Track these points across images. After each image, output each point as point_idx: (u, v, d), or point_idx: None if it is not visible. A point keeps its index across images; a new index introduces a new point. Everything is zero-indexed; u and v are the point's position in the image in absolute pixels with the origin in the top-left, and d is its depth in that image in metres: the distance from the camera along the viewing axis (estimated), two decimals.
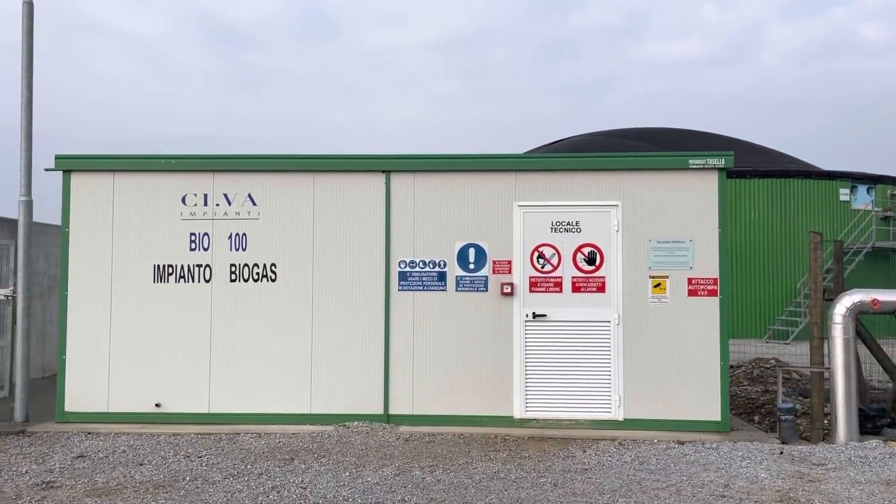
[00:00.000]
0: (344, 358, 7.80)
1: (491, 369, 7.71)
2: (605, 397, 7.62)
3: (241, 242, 7.91)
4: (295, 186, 7.93)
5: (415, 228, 7.85)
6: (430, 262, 7.82)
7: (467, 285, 7.78)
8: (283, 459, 6.42)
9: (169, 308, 7.89)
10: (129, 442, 7.04)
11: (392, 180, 7.89)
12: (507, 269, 7.76)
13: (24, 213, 7.92)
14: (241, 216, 7.93)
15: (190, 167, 7.98)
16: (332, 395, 7.78)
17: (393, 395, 7.76)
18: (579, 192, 7.75)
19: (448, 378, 7.73)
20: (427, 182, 7.87)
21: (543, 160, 7.87)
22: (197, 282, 7.91)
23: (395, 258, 7.85)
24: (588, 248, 7.71)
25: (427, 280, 7.81)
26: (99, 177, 8.01)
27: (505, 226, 7.79)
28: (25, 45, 7.93)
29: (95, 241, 7.95)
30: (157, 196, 7.97)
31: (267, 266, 7.90)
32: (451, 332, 7.76)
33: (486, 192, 7.82)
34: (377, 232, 7.86)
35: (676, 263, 7.61)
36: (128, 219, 7.96)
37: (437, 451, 6.70)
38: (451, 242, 7.83)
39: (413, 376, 7.75)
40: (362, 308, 7.82)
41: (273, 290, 7.87)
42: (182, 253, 7.94)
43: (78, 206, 7.99)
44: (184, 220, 7.96)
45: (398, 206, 7.86)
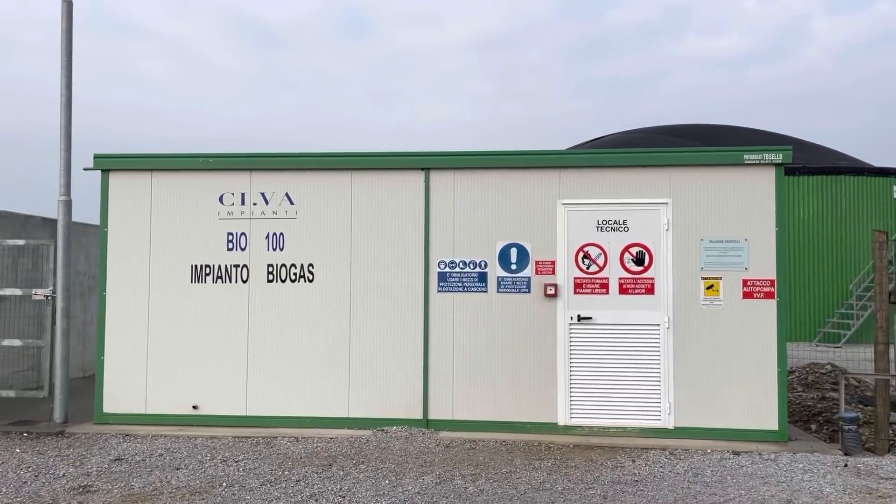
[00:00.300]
0: (382, 361, 7.61)
1: (534, 374, 7.43)
2: (655, 404, 7.28)
3: (278, 242, 7.77)
4: (332, 185, 7.76)
5: (455, 228, 7.62)
6: (471, 263, 7.58)
7: (509, 286, 7.52)
8: (321, 465, 6.24)
9: (206, 309, 7.79)
10: (166, 445, 6.94)
11: (431, 178, 7.67)
12: (550, 269, 7.48)
13: (63, 213, 7.89)
14: (278, 215, 7.79)
15: (227, 166, 7.86)
16: (371, 399, 7.60)
17: (432, 399, 7.54)
18: (627, 189, 7.42)
19: (489, 383, 7.48)
20: (467, 180, 7.63)
21: (589, 156, 7.58)
22: (234, 282, 7.79)
23: (434, 258, 7.63)
24: (636, 248, 7.39)
25: (467, 281, 7.57)
26: (137, 176, 7.95)
27: (548, 225, 7.50)
28: (64, 45, 7.90)
29: (134, 240, 7.89)
30: (195, 195, 7.88)
31: (304, 266, 7.74)
32: (491, 335, 7.51)
33: (529, 190, 7.55)
34: (416, 231, 7.65)
35: (730, 264, 7.24)
36: (166, 218, 7.89)
37: (478, 459, 6.46)
38: (493, 242, 7.57)
39: (453, 380, 7.52)
40: (401, 309, 7.62)
41: (310, 291, 7.72)
42: (219, 253, 7.83)
43: (116, 206, 7.94)
44: (221, 220, 7.85)
45: (437, 204, 7.64)
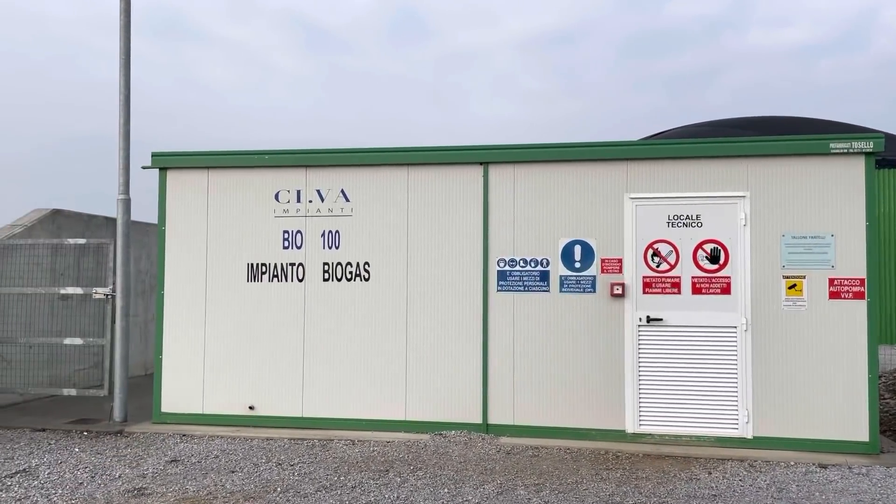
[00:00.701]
0: (440, 362, 7.34)
1: (599, 378, 7.04)
2: (731, 412, 6.80)
3: (333, 240, 7.59)
4: (388, 181, 7.54)
5: (515, 224, 7.29)
6: (532, 261, 7.23)
7: (573, 286, 7.14)
8: (378, 471, 6.01)
9: (262, 308, 7.67)
10: (222, 446, 6.84)
11: (490, 172, 7.36)
12: (617, 267, 7.07)
13: (122, 212, 7.89)
14: (333, 213, 7.61)
15: (283, 163, 7.73)
16: (428, 402, 7.34)
17: (492, 403, 7.23)
18: (700, 181, 6.96)
19: (552, 387, 7.12)
20: (528, 174, 7.29)
21: (658, 147, 7.13)
22: (290, 281, 7.65)
23: (493, 256, 7.32)
24: (711, 245, 6.91)
25: (528, 280, 7.23)
26: (194, 174, 7.89)
27: (615, 220, 7.10)
28: (123, 42, 7.90)
29: (191, 239, 7.84)
30: (251, 193, 7.77)
31: (360, 265, 7.54)
32: (554, 336, 7.15)
33: (594, 184, 7.16)
34: (474, 228, 7.35)
35: (815, 262, 6.69)
36: (222, 216, 7.80)
37: (542, 468, 6.12)
38: (555, 239, 7.21)
39: (514, 384, 7.19)
40: (459, 309, 7.33)
41: (366, 290, 7.51)
42: (275, 251, 7.70)
43: (174, 205, 7.90)
44: (277, 218, 7.71)
45: (497, 200, 7.33)
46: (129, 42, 7.98)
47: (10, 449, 6.68)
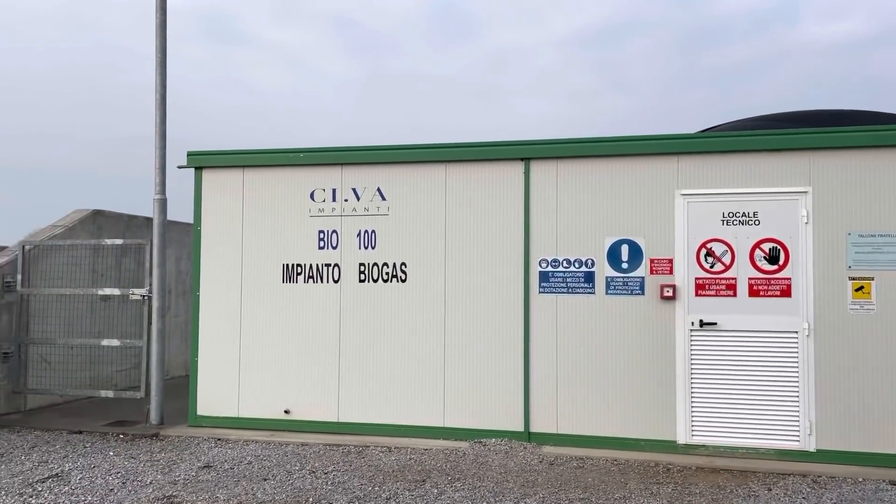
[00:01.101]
0: (479, 367, 7.04)
1: (649, 385, 6.66)
2: (792, 423, 6.34)
3: (370, 240, 7.36)
4: (426, 179, 7.27)
5: (558, 223, 6.94)
6: (576, 261, 6.88)
7: (619, 288, 6.77)
8: (414, 481, 5.75)
9: (298, 310, 7.49)
10: (256, 451, 6.67)
11: (532, 169, 7.03)
12: (667, 268, 6.67)
13: (158, 212, 7.80)
14: (369, 212, 7.38)
15: (318, 161, 7.53)
16: (467, 408, 7.05)
17: (534, 410, 6.90)
18: (757, 176, 6.51)
19: (598, 394, 6.76)
20: (572, 170, 6.94)
21: (712, 140, 6.70)
22: (326, 282, 7.45)
23: (535, 256, 6.99)
24: (769, 244, 6.46)
25: (572, 281, 6.88)
26: (229, 173, 7.76)
27: (665, 218, 6.70)
28: (158, 40, 7.81)
29: (226, 239, 7.70)
30: (286, 192, 7.60)
31: (397, 265, 7.29)
32: (600, 340, 6.78)
33: (643, 180, 6.77)
34: (515, 227, 7.03)
35: (885, 262, 6.19)
36: (257, 216, 7.65)
37: (587, 481, 5.78)
38: (601, 238, 6.85)
39: (557, 390, 6.85)
40: (499, 312, 7.02)
41: (403, 292, 7.26)
42: (311, 252, 7.51)
43: (209, 204, 7.78)
44: (312, 217, 7.52)
45: (539, 197, 6.99)
46: (164, 40, 7.88)
47: (46, 452, 6.63)
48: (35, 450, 6.70)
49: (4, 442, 6.95)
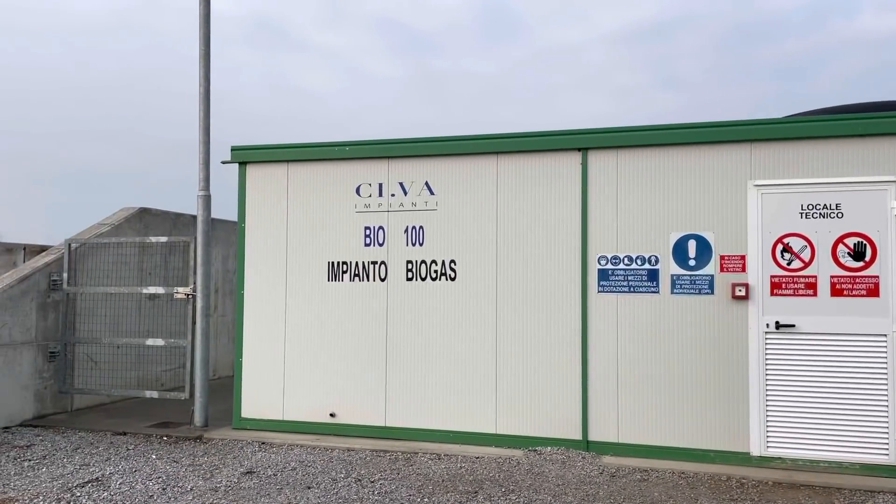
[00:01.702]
0: (534, 370, 6.64)
1: (719, 392, 6.15)
2: (881, 435, 5.76)
3: (417, 236, 7.03)
4: (476, 171, 6.90)
5: (618, 216, 6.49)
6: (638, 258, 6.42)
7: (686, 286, 6.28)
8: (465, 492, 5.39)
9: (343, 309, 7.20)
10: (300, 457, 6.40)
11: (590, 159, 6.59)
12: (739, 265, 6.15)
13: (202, 209, 7.62)
14: (417, 207, 7.04)
15: (364, 154, 7.23)
16: (521, 414, 6.65)
17: (593, 417, 6.47)
18: (840, 165, 5.94)
19: (662, 400, 6.28)
20: (633, 160, 6.47)
21: (788, 126, 6.15)
22: (372, 280, 7.15)
23: (593, 253, 6.55)
24: (853, 239, 5.89)
25: (634, 279, 6.41)
26: (273, 168, 7.52)
27: (736, 211, 6.18)
28: (202, 33, 7.62)
29: (271, 236, 7.47)
30: (331, 187, 7.32)
31: (445, 263, 6.93)
32: (665, 343, 6.30)
33: (711, 170, 6.26)
34: (572, 221, 6.60)
35: None
36: (301, 212, 7.39)
37: (653, 496, 5.32)
38: (665, 233, 6.37)
39: (618, 396, 6.40)
40: (554, 312, 6.60)
41: (452, 290, 6.90)
42: (357, 249, 7.22)
43: (253, 201, 7.56)
44: (358, 213, 7.23)
45: (597, 189, 6.55)
46: (208, 33, 7.69)
47: (89, 454, 6.49)
48: (78, 452, 6.57)
49: (48, 443, 6.84)
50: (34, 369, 7.82)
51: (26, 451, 6.58)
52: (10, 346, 7.53)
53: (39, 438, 7.04)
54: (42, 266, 7.95)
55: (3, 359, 7.44)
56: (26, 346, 7.74)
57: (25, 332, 7.72)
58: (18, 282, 7.61)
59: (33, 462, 6.22)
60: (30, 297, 7.78)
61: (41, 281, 7.94)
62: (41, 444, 6.84)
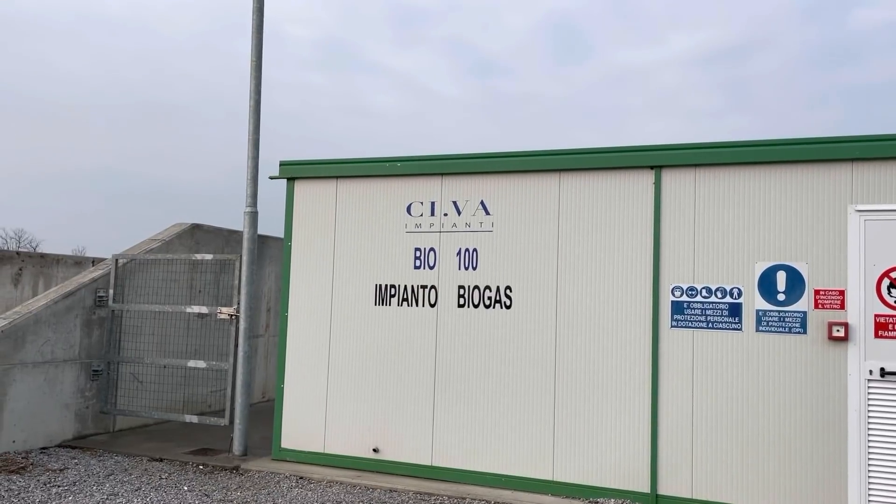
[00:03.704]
0: (596, 412, 5.96)
1: (811, 447, 5.34)
2: None
3: (470, 260, 6.49)
4: (536, 190, 6.32)
5: (696, 243, 5.78)
6: (718, 290, 5.69)
7: (774, 324, 5.51)
8: None
9: (390, 336, 6.71)
10: (338, 496, 5.90)
11: (664, 179, 5.92)
12: (837, 302, 5.35)
13: (248, 225, 7.29)
14: (471, 228, 6.51)
15: (416, 171, 6.76)
16: (581, 460, 5.98)
17: (663, 468, 5.73)
18: None
19: (744, 453, 5.51)
20: (714, 180, 5.77)
21: None
22: (421, 306, 6.63)
23: (666, 283, 5.85)
24: None
25: (713, 314, 5.68)
26: (322, 185, 7.14)
27: (834, 240, 5.39)
28: (255, 43, 7.34)
29: (317, 256, 7.07)
30: (381, 205, 6.87)
31: (500, 289, 6.36)
32: (748, 388, 5.54)
33: (805, 192, 5.50)
34: (642, 247, 5.93)
35: None
36: (350, 231, 6.97)
37: None
38: (750, 263, 5.62)
39: (693, 446, 5.66)
40: (621, 348, 5.93)
41: (507, 320, 6.31)
42: (406, 271, 6.73)
43: (300, 218, 7.19)
44: (408, 234, 6.75)
45: (672, 212, 5.87)
46: (261, 44, 7.41)
47: (120, 482, 6.17)
48: (110, 479, 6.26)
49: (82, 468, 6.57)
50: (76, 388, 7.63)
51: (58, 475, 6.32)
52: (52, 364, 7.35)
53: (74, 462, 6.78)
54: (88, 282, 7.78)
55: (44, 376, 7.26)
56: (69, 363, 7.55)
57: (69, 350, 7.54)
58: (63, 297, 7.45)
59: (62, 489, 5.93)
60: (74, 313, 7.61)
61: (87, 297, 7.76)
62: (75, 468, 6.57)
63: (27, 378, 7.08)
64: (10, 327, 6.91)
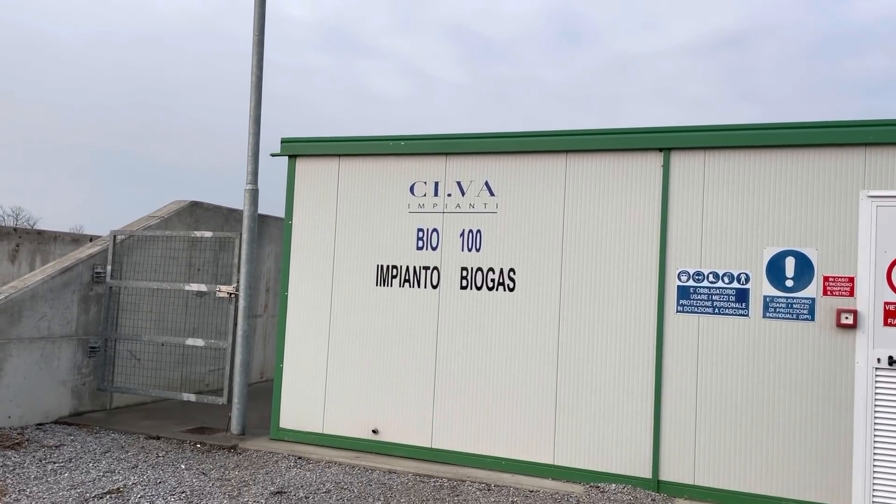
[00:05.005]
0: (598, 397, 5.90)
1: (816, 435, 5.28)
2: None
3: (474, 241, 6.40)
4: (542, 171, 6.22)
5: (703, 227, 5.70)
6: (725, 276, 5.61)
7: (782, 310, 5.43)
8: None
9: (391, 317, 6.63)
10: (337, 477, 5.85)
11: (672, 161, 5.82)
12: (846, 289, 5.27)
13: (248, 203, 7.19)
14: (475, 208, 6.41)
15: (420, 150, 6.65)
16: (582, 444, 5.93)
17: (665, 454, 5.68)
18: None
19: (748, 441, 5.45)
20: (724, 163, 5.67)
21: None
22: (423, 287, 6.55)
23: (672, 268, 5.77)
24: None
25: (719, 300, 5.61)
26: (324, 163, 7.03)
27: (845, 226, 5.30)
28: (257, 16, 7.20)
29: (318, 236, 6.98)
30: (384, 184, 6.77)
31: (504, 272, 6.28)
32: (754, 375, 5.48)
33: (815, 177, 5.41)
34: (649, 231, 5.84)
35: None
36: (351, 211, 6.87)
37: None
38: (758, 248, 5.54)
39: (696, 432, 5.60)
40: (625, 333, 5.86)
41: (510, 302, 6.23)
42: (408, 252, 6.64)
43: (302, 196, 7.09)
44: (411, 214, 6.65)
45: (680, 196, 5.78)
46: (263, 18, 7.27)
47: (116, 459, 6.11)
48: (106, 456, 6.20)
49: (78, 444, 6.51)
50: (73, 364, 7.55)
51: (54, 451, 6.26)
52: (48, 340, 7.27)
53: (70, 438, 6.72)
54: (86, 257, 7.69)
55: (40, 352, 7.18)
56: (66, 339, 7.47)
57: (66, 326, 7.46)
58: (60, 273, 7.35)
59: (57, 465, 5.87)
60: (71, 289, 7.52)
61: (84, 273, 7.67)
62: (71, 444, 6.51)
63: (23, 353, 7.01)
64: (7, 302, 6.83)
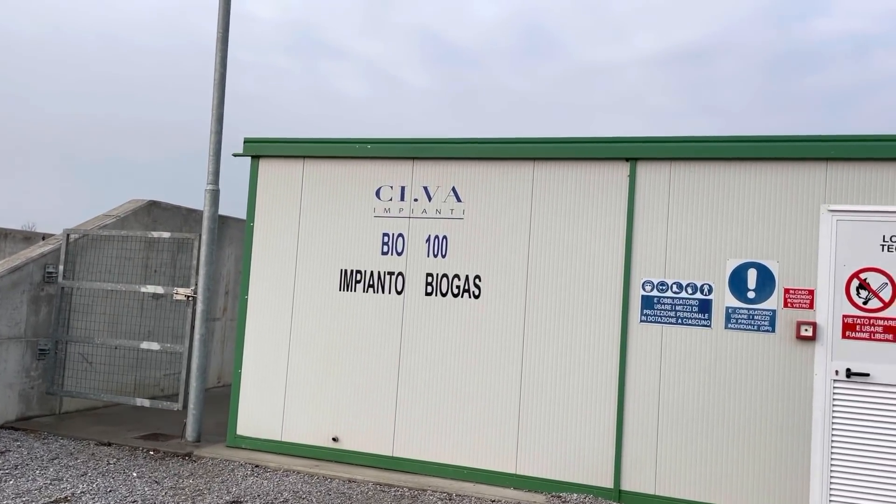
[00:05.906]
0: (562, 406, 5.88)
1: (775, 445, 5.34)
2: None
3: (440, 247, 6.33)
4: (509, 178, 6.19)
5: (668, 238, 5.73)
6: (689, 286, 5.64)
7: (743, 321, 5.49)
8: None
9: (354, 323, 6.53)
10: (295, 486, 5.72)
11: (638, 172, 5.84)
12: (806, 301, 5.35)
13: (209, 204, 7.02)
14: (441, 214, 6.35)
15: (387, 153, 6.57)
16: (545, 454, 5.90)
17: (627, 463, 5.68)
18: None
19: (709, 452, 5.48)
20: (689, 174, 5.72)
21: (874, 145, 5.32)
22: (387, 293, 6.46)
23: (637, 277, 5.79)
24: None
25: (682, 310, 5.64)
26: (288, 164, 6.90)
27: (806, 239, 5.38)
28: (222, 12, 7.05)
29: (281, 238, 6.84)
30: (349, 188, 6.67)
31: (469, 278, 6.22)
32: (715, 385, 5.52)
33: (778, 190, 5.48)
34: (615, 241, 5.85)
35: None
36: (315, 214, 6.75)
37: None
38: (722, 259, 5.59)
39: (657, 442, 5.62)
40: (589, 342, 5.85)
41: (475, 310, 6.18)
42: (373, 257, 6.55)
43: (264, 198, 6.94)
44: (377, 218, 6.56)
45: (645, 205, 5.80)
46: (228, 14, 7.12)
47: (65, 467, 5.88)
48: (54, 463, 5.97)
49: (25, 451, 6.25)
50: (21, 367, 7.27)
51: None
52: None
53: (17, 444, 6.45)
54: (37, 256, 7.41)
55: None
56: (14, 341, 7.18)
57: (14, 327, 7.17)
58: (9, 272, 7.07)
59: (2, 472, 5.62)
60: (21, 289, 7.24)
61: (35, 273, 7.39)
62: (17, 450, 6.25)
63: None
64: None
